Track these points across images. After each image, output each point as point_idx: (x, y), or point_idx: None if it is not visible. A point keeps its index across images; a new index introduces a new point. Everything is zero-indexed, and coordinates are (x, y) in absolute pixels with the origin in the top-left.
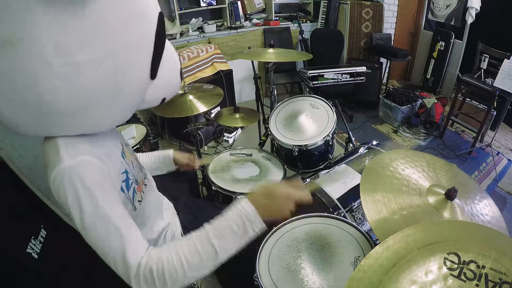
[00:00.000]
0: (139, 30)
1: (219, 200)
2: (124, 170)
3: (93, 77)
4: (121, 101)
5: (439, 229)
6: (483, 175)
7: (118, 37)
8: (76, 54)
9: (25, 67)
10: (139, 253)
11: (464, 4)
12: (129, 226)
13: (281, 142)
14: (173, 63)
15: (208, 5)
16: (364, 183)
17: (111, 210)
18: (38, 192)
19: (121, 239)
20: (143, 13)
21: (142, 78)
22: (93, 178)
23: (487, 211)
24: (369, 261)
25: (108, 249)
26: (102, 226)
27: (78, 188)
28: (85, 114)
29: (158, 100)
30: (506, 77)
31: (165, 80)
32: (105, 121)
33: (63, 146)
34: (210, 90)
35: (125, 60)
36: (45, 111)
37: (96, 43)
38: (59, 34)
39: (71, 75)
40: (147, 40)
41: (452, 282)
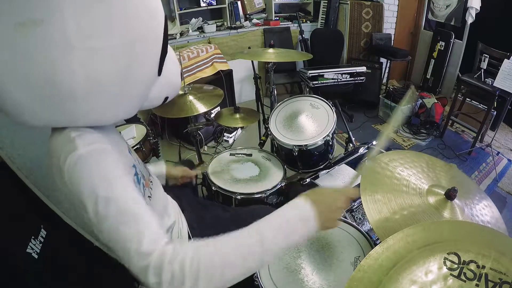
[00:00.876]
0: (152, 26)
1: (219, 200)
2: (133, 164)
3: (108, 63)
4: (130, 91)
5: (439, 229)
6: (483, 175)
7: (136, 29)
8: (96, 39)
9: (45, 48)
10: (159, 242)
11: (464, 4)
12: (146, 213)
13: (281, 142)
14: (174, 63)
15: (208, 5)
16: (364, 183)
17: (127, 197)
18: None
19: (137, 228)
20: (154, 12)
21: (150, 73)
22: (109, 163)
23: (486, 212)
24: (369, 261)
25: (122, 237)
26: (117, 211)
27: (93, 174)
28: (96, 100)
29: (161, 98)
30: (506, 77)
31: (168, 79)
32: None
33: (77, 136)
34: (210, 91)
35: (139, 52)
36: (59, 93)
37: (116, 31)
38: (82, 18)
39: (89, 59)
40: (158, 36)
41: (452, 282)
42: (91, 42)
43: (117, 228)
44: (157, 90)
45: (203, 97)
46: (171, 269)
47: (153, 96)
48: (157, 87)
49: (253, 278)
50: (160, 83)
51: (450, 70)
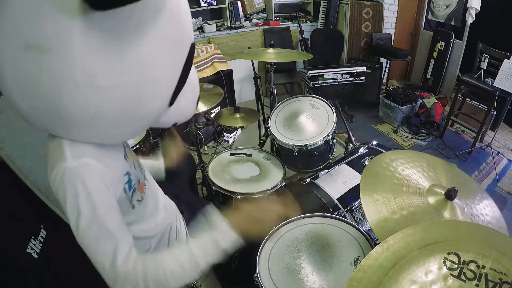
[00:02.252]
0: (169, 63)
1: (219, 200)
2: (126, 172)
3: (113, 101)
4: (135, 124)
5: (439, 229)
6: (483, 175)
7: (147, 70)
8: (102, 78)
9: (49, 76)
10: (129, 260)
11: (464, 4)
12: (123, 233)
13: (281, 142)
14: (193, 91)
15: (208, 5)
16: (364, 183)
17: (108, 216)
18: (38, 192)
19: (114, 245)
20: (178, 45)
21: (160, 106)
22: (94, 182)
23: (487, 211)
24: (369, 261)
25: (99, 253)
26: (97, 230)
27: (78, 190)
28: (97, 129)
29: (169, 124)
30: (506, 77)
31: (180, 108)
32: (115, 137)
33: (68, 146)
34: (210, 90)
35: (148, 91)
36: (61, 117)
37: (124, 72)
38: (91, 56)
39: (92, 95)
40: (175, 72)
41: (452, 282)
42: (97, 80)
43: (94, 245)
44: (166, 117)
45: (203, 96)
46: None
47: (161, 122)
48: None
49: (253, 278)
50: (171, 111)
51: (450, 70)
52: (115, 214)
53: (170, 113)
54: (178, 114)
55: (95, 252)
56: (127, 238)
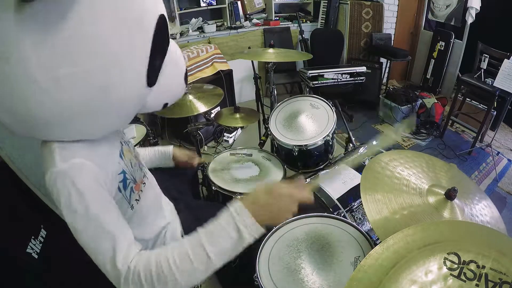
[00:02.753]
0: (130, 40)
1: (219, 200)
2: (122, 170)
3: (77, 91)
4: (112, 111)
5: (439, 229)
6: (483, 175)
7: (103, 51)
8: (58, 68)
9: (12, 84)
10: (129, 257)
11: (464, 4)
12: (121, 230)
13: (281, 142)
14: (176, 67)
15: (208, 5)
16: (365, 183)
17: (103, 214)
18: (38, 192)
19: (112, 243)
20: (135, 21)
21: (135, 88)
22: (85, 182)
23: (486, 212)
24: (369, 261)
25: (98, 252)
26: (93, 229)
27: (70, 191)
28: (74, 124)
29: (160, 105)
30: (506, 77)
31: (166, 86)
32: (97, 129)
33: (58, 149)
34: (210, 90)
35: (112, 73)
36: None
37: (77, 58)
38: (41, 51)
39: (55, 89)
40: (141, 48)
41: (452, 282)
42: (55, 72)
43: (92, 244)
44: (153, 98)
45: (203, 96)
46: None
47: (149, 105)
48: (153, 96)
49: (253, 278)
50: (157, 91)
51: (450, 70)
52: (111, 212)
53: (156, 94)
54: (165, 94)
55: (95, 252)
56: (126, 235)
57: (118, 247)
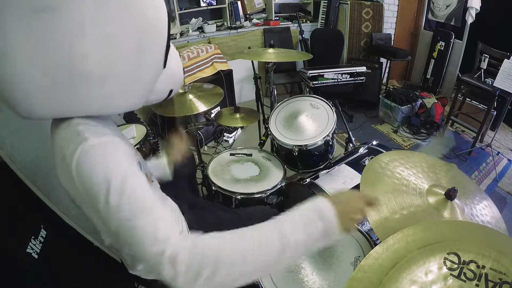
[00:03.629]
0: (159, 18)
1: (219, 200)
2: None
3: (119, 49)
4: (139, 79)
5: (439, 229)
6: (483, 175)
7: (145, 20)
8: (109, 26)
9: (60, 33)
10: (173, 232)
11: (464, 4)
12: (159, 204)
13: (281, 142)
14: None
15: (208, 5)
16: (364, 183)
17: (140, 186)
18: (38, 192)
19: (151, 217)
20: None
21: (157, 63)
22: (121, 155)
23: (486, 212)
24: (369, 261)
25: (136, 227)
26: (130, 202)
27: (107, 161)
28: (107, 85)
29: (166, 91)
30: (506, 77)
31: (172, 71)
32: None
33: (85, 129)
34: (210, 90)
35: (147, 41)
36: (72, 76)
37: (127, 20)
38: (97, 6)
39: (101, 44)
40: (164, 29)
41: (452, 282)
42: (104, 28)
43: (130, 220)
44: (162, 82)
45: (203, 96)
46: (187, 260)
47: (158, 88)
48: (163, 79)
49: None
50: (165, 75)
51: (450, 70)
52: (147, 186)
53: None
54: (171, 79)
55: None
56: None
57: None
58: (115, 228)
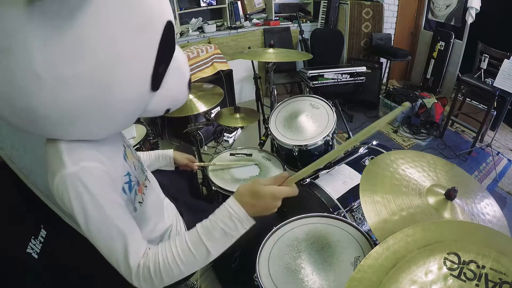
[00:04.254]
0: (135, 44)
1: (219, 200)
2: (127, 172)
3: (80, 91)
4: (115, 113)
5: (439, 229)
6: (483, 175)
7: (109, 53)
8: (64, 68)
9: (13, 77)
10: (139, 254)
11: (464, 4)
12: (131, 229)
13: (281, 142)
14: (180, 74)
15: (208, 5)
16: (364, 184)
17: (115, 214)
18: (38, 192)
19: (124, 242)
20: (142, 26)
21: (138, 91)
22: (96, 184)
23: (488, 211)
24: (369, 261)
25: (112, 251)
26: (106, 230)
27: (82, 194)
28: (76, 123)
29: (162, 110)
30: (506, 77)
31: (170, 92)
32: (99, 130)
33: (66, 151)
34: (210, 90)
35: (117, 75)
36: (36, 118)
37: (83, 58)
38: (48, 46)
39: (58, 88)
40: (147, 53)
41: (452, 282)
42: (59, 71)
43: (106, 244)
44: (156, 103)
45: (203, 96)
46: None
47: (151, 109)
48: (156, 100)
49: (253, 278)
50: (160, 96)
51: (450, 70)
52: (122, 212)
53: (159, 99)
54: (168, 99)
55: (108, 251)
56: (136, 234)
57: (130, 246)
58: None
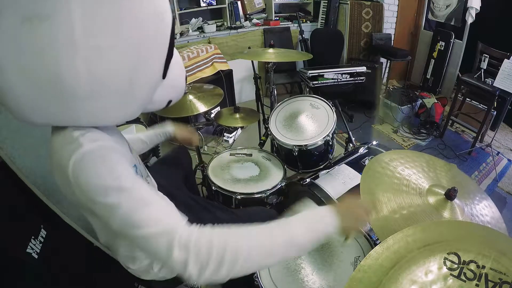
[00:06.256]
0: (160, 28)
1: (219, 200)
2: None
3: (113, 64)
4: (134, 93)
5: (439, 229)
6: (483, 175)
7: (143, 30)
8: (102, 38)
9: (49, 44)
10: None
11: (464, 4)
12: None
13: (281, 142)
14: (179, 66)
15: (208, 5)
16: (364, 183)
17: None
18: (38, 192)
19: (153, 208)
20: (162, 14)
21: (156, 75)
22: (115, 158)
23: (486, 212)
24: (369, 261)
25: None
26: (129, 199)
27: (101, 166)
28: (99, 100)
29: (165, 101)
30: (506, 77)
31: (173, 82)
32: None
33: (80, 135)
34: (210, 90)
35: (145, 54)
36: (62, 90)
37: (123, 32)
38: (89, 17)
39: (93, 58)
40: (165, 39)
41: (452, 282)
42: (96, 41)
43: (131, 216)
44: (161, 93)
45: (203, 97)
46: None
47: (156, 99)
48: (161, 90)
49: (253, 278)
50: (165, 86)
51: (450, 70)
52: (144, 184)
53: (164, 88)
54: (171, 89)
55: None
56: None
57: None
58: (117, 227)
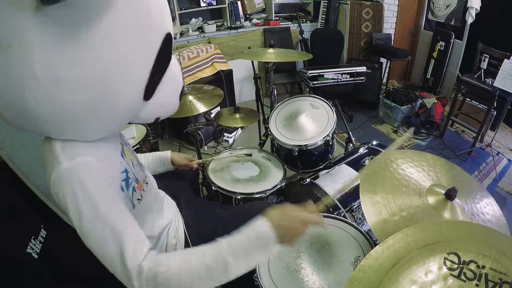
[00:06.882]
0: (134, 53)
1: (219, 200)
2: (124, 169)
3: (76, 95)
4: (107, 119)
5: (439, 229)
6: (483, 175)
7: (108, 63)
8: (63, 71)
9: (11, 74)
10: (138, 256)
11: (464, 4)
12: (128, 228)
13: (281, 142)
14: (174, 84)
15: (208, 5)
16: (364, 184)
17: (110, 212)
18: (38, 192)
19: (120, 242)
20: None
21: (132, 99)
22: (92, 180)
23: (488, 210)
24: (369, 261)
25: (106, 252)
26: (100, 229)
27: (76, 191)
28: (68, 125)
29: (151, 118)
30: (506, 77)
31: (161, 102)
32: (90, 133)
33: (61, 148)
34: (210, 91)
35: (113, 84)
36: (30, 115)
37: (84, 64)
38: (49, 50)
39: (55, 90)
40: (144, 64)
41: (452, 282)
42: (57, 73)
43: (100, 245)
44: (147, 111)
45: (203, 97)
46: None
47: (142, 116)
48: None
49: (253, 278)
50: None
51: (450, 70)
52: (118, 210)
53: (150, 108)
54: (159, 109)
55: (103, 253)
56: (134, 233)
57: (126, 246)
58: (88, 244)
